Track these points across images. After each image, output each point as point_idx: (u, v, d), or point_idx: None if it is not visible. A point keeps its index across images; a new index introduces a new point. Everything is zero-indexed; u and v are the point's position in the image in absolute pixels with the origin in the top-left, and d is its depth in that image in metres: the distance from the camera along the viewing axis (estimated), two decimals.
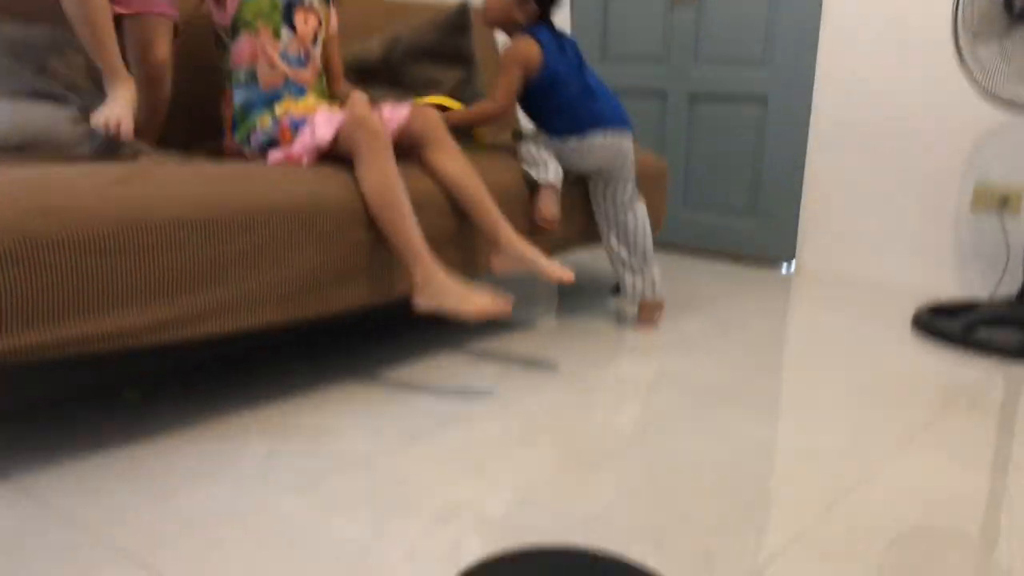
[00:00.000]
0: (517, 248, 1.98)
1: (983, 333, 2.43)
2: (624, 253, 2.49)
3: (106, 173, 1.53)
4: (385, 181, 1.79)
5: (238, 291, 1.64)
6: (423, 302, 1.82)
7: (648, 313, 2.51)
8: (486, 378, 2.03)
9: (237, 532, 1.33)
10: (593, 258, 3.45)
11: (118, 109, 1.74)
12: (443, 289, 1.79)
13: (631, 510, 1.43)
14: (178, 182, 1.59)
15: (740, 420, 1.83)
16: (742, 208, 3.44)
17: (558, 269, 1.95)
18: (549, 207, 2.32)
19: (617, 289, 2.92)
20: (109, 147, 1.78)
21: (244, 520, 1.36)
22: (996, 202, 2.81)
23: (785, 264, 3.35)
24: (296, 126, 1.96)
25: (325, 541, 1.31)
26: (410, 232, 1.81)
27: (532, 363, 2.15)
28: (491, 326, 2.45)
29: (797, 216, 3.30)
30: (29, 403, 1.83)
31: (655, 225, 2.83)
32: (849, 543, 1.34)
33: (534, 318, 2.57)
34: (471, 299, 1.77)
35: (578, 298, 2.83)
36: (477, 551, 1.14)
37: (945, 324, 2.46)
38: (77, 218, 1.41)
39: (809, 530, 1.38)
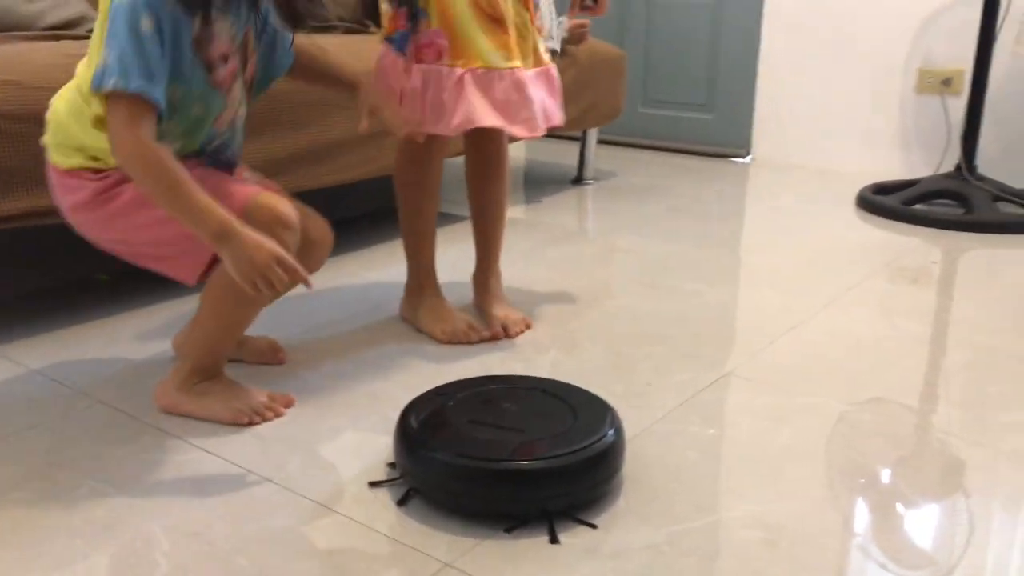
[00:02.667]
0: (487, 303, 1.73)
1: (922, 207, 2.55)
2: None
3: (64, 49, 1.58)
4: (424, 198, 1.64)
5: None
6: (403, 311, 1.71)
7: None
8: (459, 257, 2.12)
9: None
10: (558, 150, 3.52)
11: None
12: (423, 307, 1.66)
13: (583, 358, 1.55)
14: None
15: (689, 284, 1.94)
16: (699, 103, 3.50)
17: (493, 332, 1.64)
18: None
19: (578, 179, 3.01)
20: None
21: None
22: (939, 83, 2.90)
23: (742, 156, 3.44)
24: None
25: (294, 382, 1.41)
26: (421, 245, 1.68)
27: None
28: (464, 213, 2.54)
29: (752, 108, 3.37)
30: (12, 293, 1.90)
31: (613, 113, 2.90)
32: (776, 376, 1.47)
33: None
34: (442, 324, 1.61)
35: (542, 188, 2.91)
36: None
37: (886, 200, 2.58)
38: (38, 92, 1.45)
39: (740, 367, 1.50)
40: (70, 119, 1.18)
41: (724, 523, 1.05)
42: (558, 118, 1.59)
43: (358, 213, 2.54)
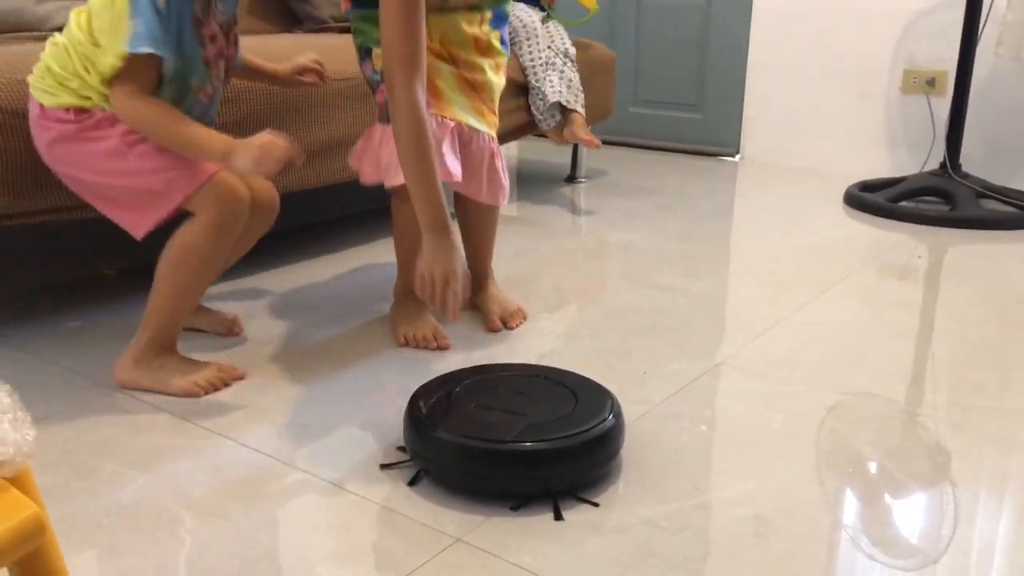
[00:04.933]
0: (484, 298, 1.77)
1: (908, 204, 2.61)
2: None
3: None
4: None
5: None
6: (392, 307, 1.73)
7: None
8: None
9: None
10: (551, 149, 3.57)
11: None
12: (400, 308, 1.69)
13: (580, 347, 1.60)
14: None
15: (679, 278, 2.00)
16: (689, 103, 3.57)
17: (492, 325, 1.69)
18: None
19: (571, 177, 3.06)
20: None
21: (229, 361, 1.51)
22: (923, 83, 2.98)
23: (731, 155, 3.50)
24: None
25: (306, 373, 1.46)
26: (412, 257, 1.55)
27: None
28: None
29: (741, 108, 3.43)
30: (26, 289, 1.94)
31: (604, 113, 2.96)
32: (767, 365, 1.53)
33: None
34: (406, 328, 1.62)
35: (536, 186, 2.97)
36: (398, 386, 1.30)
37: (872, 197, 2.64)
38: None
39: (732, 357, 1.56)
40: (57, 63, 1.32)
41: (718, 502, 1.11)
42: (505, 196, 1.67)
43: (361, 209, 2.59)
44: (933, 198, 2.65)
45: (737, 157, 3.49)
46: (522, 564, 0.98)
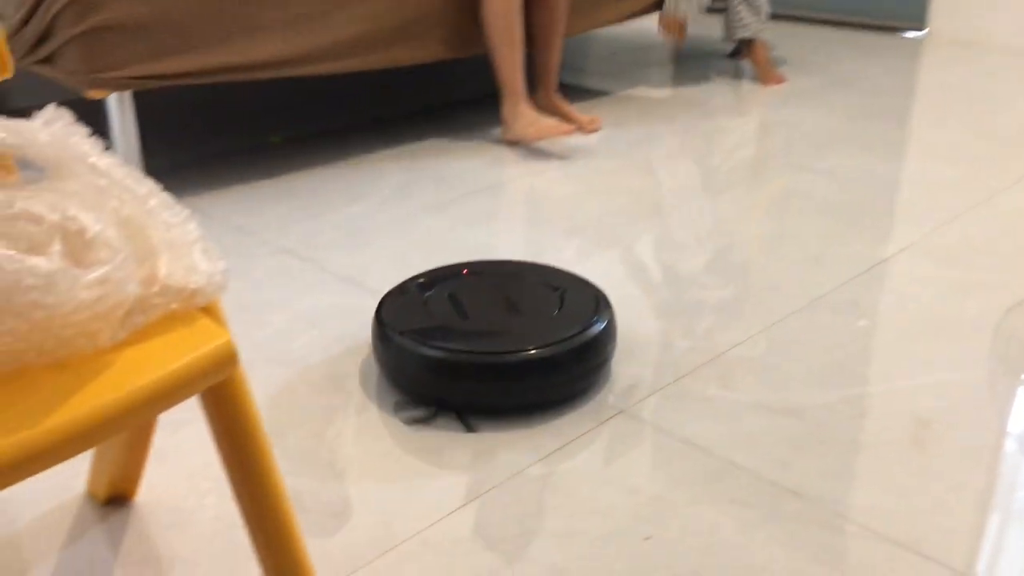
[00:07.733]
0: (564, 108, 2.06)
1: None
2: None
3: None
4: (509, 9, 1.84)
5: (343, 33, 1.74)
6: (508, 137, 1.94)
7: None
8: (615, 126, 2.09)
9: (383, 236, 1.48)
10: (710, 21, 3.37)
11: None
12: (522, 122, 1.89)
13: (744, 226, 1.52)
14: None
15: (854, 158, 1.85)
16: None
17: (587, 123, 1.97)
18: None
19: (734, 53, 2.88)
20: None
21: (388, 229, 1.52)
22: None
23: (916, 29, 3.19)
24: None
25: (456, 242, 1.45)
26: (514, 69, 1.88)
27: (652, 118, 2.19)
28: (617, 93, 2.48)
29: None
30: (203, 153, 2.02)
31: None
32: (959, 252, 1.40)
33: (651, 82, 2.58)
34: (536, 126, 1.87)
35: (696, 62, 2.81)
36: (573, 251, 1.26)
37: None
38: None
39: (920, 241, 1.44)
40: None
41: (901, 391, 1.03)
42: None
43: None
44: None
45: (922, 32, 3.18)
46: (690, 438, 0.95)
